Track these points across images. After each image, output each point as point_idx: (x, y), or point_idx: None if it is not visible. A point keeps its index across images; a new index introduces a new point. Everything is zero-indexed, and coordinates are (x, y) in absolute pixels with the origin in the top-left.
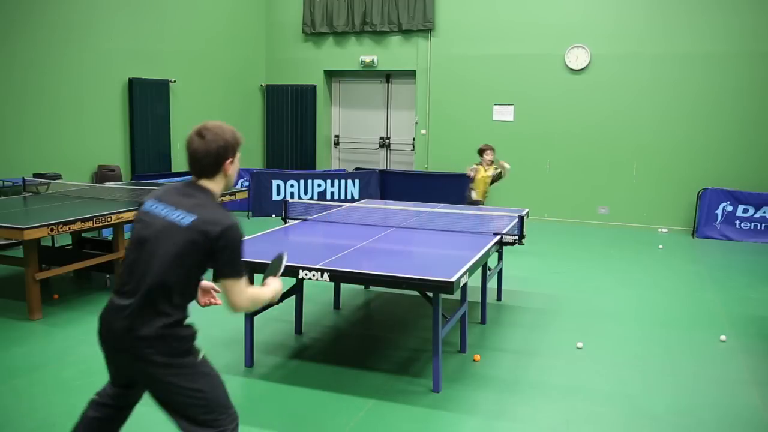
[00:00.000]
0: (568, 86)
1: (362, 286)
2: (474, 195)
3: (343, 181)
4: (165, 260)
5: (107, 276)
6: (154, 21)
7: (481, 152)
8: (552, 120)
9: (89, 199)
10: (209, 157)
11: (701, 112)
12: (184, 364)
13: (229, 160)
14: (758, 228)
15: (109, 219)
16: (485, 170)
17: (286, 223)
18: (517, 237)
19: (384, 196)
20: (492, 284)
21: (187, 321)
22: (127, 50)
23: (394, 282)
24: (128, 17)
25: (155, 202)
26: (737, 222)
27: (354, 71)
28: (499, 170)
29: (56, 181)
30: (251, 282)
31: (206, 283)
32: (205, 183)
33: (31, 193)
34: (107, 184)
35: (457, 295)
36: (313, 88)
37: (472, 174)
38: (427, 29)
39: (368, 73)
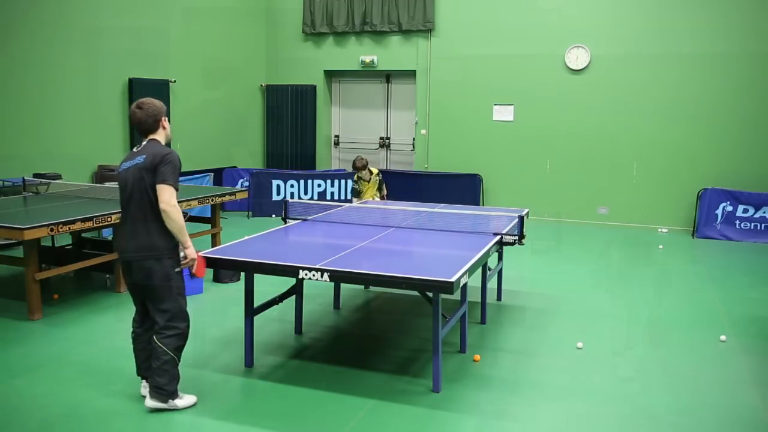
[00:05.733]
0: (568, 86)
1: (362, 286)
2: None
3: (343, 181)
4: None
5: (107, 276)
6: (154, 21)
7: None
8: (552, 120)
9: (89, 199)
10: (150, 119)
11: (701, 112)
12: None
13: (163, 119)
14: (758, 228)
15: (109, 219)
16: None
17: (286, 223)
18: (517, 237)
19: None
20: (492, 284)
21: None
22: (127, 50)
23: (394, 282)
24: (128, 17)
25: (123, 164)
26: (737, 222)
27: (354, 71)
28: None
29: (56, 181)
30: (251, 282)
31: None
32: (151, 137)
33: (31, 193)
34: (107, 184)
35: (457, 295)
36: (313, 88)
37: None
38: (427, 29)
39: (368, 73)
